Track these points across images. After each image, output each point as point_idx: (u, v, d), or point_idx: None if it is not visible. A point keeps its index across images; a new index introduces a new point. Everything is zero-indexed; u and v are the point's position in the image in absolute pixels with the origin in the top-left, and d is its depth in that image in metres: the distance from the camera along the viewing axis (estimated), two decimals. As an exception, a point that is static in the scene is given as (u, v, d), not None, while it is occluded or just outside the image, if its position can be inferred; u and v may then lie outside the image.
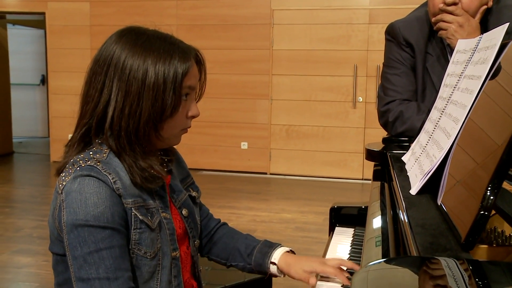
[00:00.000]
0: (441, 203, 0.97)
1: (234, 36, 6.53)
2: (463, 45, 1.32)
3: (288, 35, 6.38)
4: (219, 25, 6.56)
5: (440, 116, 1.22)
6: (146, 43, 1.10)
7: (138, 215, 1.09)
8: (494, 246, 0.88)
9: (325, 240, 1.87)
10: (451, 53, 1.66)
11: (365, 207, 1.65)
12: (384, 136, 1.79)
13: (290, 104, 6.45)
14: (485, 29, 1.65)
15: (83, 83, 1.14)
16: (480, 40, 1.17)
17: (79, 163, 1.07)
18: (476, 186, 0.83)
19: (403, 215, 1.00)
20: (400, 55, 1.81)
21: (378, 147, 1.68)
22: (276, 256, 1.30)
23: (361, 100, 6.24)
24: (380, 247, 1.08)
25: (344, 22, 6.20)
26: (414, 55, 1.79)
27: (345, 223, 1.69)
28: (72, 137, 1.15)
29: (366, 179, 6.20)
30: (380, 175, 1.60)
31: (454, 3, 1.62)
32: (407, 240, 0.89)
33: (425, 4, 1.81)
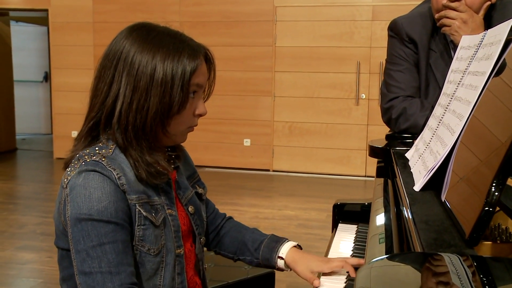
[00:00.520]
0: (445, 199, 0.96)
1: (237, 32, 6.53)
2: (467, 41, 1.31)
3: (291, 32, 6.37)
4: (222, 21, 6.56)
5: (444, 113, 1.21)
6: (156, 39, 1.10)
7: (142, 211, 1.09)
8: (498, 242, 0.87)
9: (328, 237, 1.87)
10: (454, 49, 1.66)
11: (368, 204, 1.65)
12: (387, 133, 1.79)
13: (293, 101, 6.44)
14: (488, 25, 1.64)
15: (93, 77, 1.15)
16: (484, 36, 1.17)
17: (84, 158, 1.08)
18: (480, 183, 0.82)
19: (407, 212, 0.99)
20: (403, 52, 1.81)
21: (381, 143, 1.67)
22: (284, 251, 1.31)
23: (364, 97, 6.23)
24: (383, 244, 1.08)
25: (347, 19, 6.19)
26: (417, 52, 1.79)
27: (348, 220, 1.69)
28: (80, 130, 1.16)
29: (369, 176, 6.20)
30: (384, 171, 1.59)
31: (458, -1, 1.62)
32: (411, 237, 0.89)
33: (428, 0, 1.81)
